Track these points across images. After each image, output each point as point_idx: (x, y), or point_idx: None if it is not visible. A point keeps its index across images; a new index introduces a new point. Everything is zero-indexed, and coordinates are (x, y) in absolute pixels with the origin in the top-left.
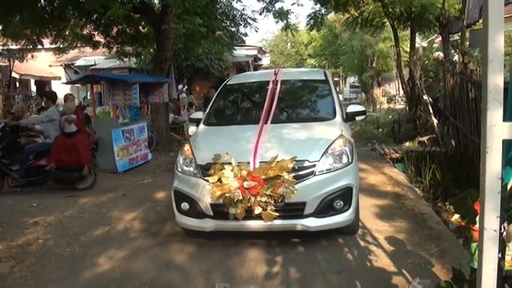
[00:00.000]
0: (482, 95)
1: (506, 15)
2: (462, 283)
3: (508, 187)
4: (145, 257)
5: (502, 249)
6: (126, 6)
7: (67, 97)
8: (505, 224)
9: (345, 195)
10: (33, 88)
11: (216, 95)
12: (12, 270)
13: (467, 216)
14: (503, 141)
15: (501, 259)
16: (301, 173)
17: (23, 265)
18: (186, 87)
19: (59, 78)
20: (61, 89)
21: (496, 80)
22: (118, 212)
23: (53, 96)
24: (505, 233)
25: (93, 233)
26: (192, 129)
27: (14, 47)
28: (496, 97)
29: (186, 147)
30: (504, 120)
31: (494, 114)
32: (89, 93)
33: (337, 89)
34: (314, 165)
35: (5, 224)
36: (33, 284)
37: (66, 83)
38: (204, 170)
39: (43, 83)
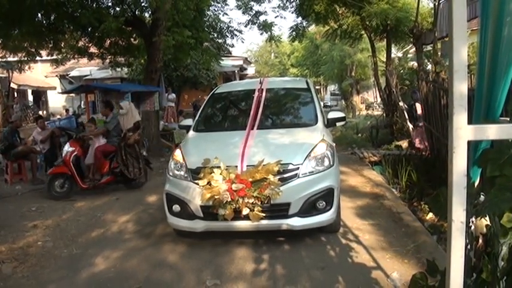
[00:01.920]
0: (448, 101)
1: (473, 28)
2: (435, 273)
3: (475, 184)
4: (139, 257)
5: (471, 241)
6: (119, 19)
7: None
8: (473, 218)
9: (327, 196)
10: (30, 98)
11: (204, 103)
12: (15, 271)
13: (439, 212)
14: (469, 142)
15: (470, 250)
16: (285, 175)
17: (25, 266)
18: (174, 95)
19: (54, 88)
20: (57, 99)
21: (461, 88)
22: (112, 215)
23: None
24: (473, 226)
25: (89, 235)
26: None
27: (11, 59)
28: (461, 103)
29: (177, 152)
30: (471, 123)
31: (459, 118)
32: (83, 102)
33: (319, 97)
34: (298, 168)
35: (7, 227)
36: (34, 284)
37: (62, 93)
38: (194, 174)
39: (39, 93)
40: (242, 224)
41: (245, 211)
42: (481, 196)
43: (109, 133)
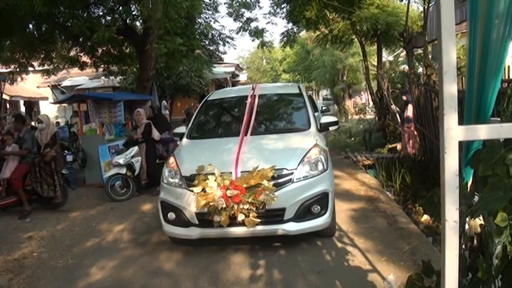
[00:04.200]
0: (439, 102)
1: (463, 31)
2: (431, 274)
3: (469, 185)
4: (135, 266)
5: (465, 241)
6: (111, 28)
7: None
8: (468, 219)
9: (322, 200)
10: (23, 109)
11: (197, 110)
12: (11, 283)
13: (434, 213)
14: (460, 142)
15: (465, 250)
16: (280, 180)
17: (20, 277)
18: (165, 103)
19: (47, 98)
20: (49, 109)
21: (450, 89)
22: (107, 224)
23: None
24: (467, 226)
25: (84, 245)
26: None
27: (3, 70)
28: (451, 104)
29: (171, 160)
30: (462, 124)
31: (450, 119)
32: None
33: (316, 102)
34: (292, 173)
35: (1, 239)
36: None
37: (54, 103)
38: (189, 181)
39: (32, 104)
40: (238, 230)
41: (240, 217)
42: (476, 197)
43: (29, 150)
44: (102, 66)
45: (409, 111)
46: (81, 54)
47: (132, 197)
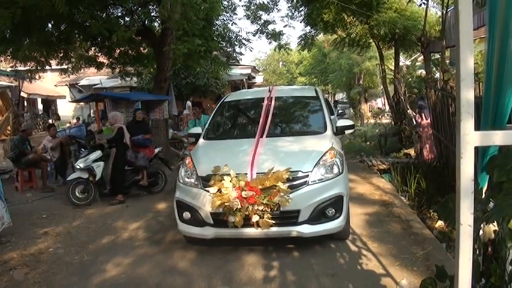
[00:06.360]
0: (456, 108)
1: (482, 36)
2: (444, 279)
3: (484, 190)
4: (149, 263)
5: (479, 247)
6: (131, 29)
7: None
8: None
9: (336, 203)
10: (40, 107)
11: (214, 111)
12: (26, 277)
13: (448, 218)
14: (476, 148)
15: (478, 255)
16: (295, 183)
17: (36, 272)
18: (189, 103)
19: (64, 97)
20: (66, 107)
21: (467, 95)
22: (122, 222)
23: None
24: (481, 232)
25: (100, 242)
26: None
27: (21, 68)
28: (468, 110)
29: (188, 160)
30: (479, 129)
31: (466, 125)
32: (92, 110)
33: (331, 105)
34: (307, 176)
35: (18, 234)
36: None
37: (72, 102)
38: (205, 181)
39: (49, 102)
40: (252, 231)
41: (255, 218)
42: (491, 202)
43: None
44: (119, 67)
45: (424, 116)
46: (99, 54)
47: (93, 202)
